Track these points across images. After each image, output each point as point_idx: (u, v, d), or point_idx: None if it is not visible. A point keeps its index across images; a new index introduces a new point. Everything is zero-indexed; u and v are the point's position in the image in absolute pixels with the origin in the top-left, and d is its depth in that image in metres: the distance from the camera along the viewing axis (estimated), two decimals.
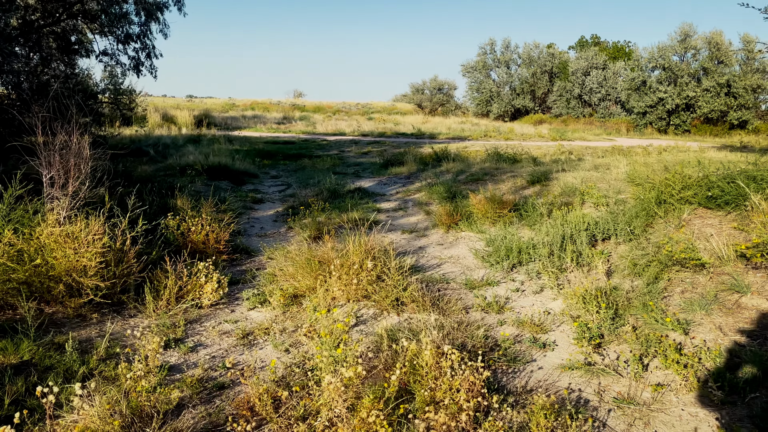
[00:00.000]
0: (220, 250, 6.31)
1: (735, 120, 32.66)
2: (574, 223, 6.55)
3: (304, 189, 10.38)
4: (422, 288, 5.17)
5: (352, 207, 8.76)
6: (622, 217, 6.32)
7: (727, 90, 32.76)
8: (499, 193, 8.93)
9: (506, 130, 26.76)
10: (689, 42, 34.42)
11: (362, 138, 24.19)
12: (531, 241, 6.34)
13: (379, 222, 8.00)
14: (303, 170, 12.89)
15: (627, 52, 47.62)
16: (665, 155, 13.75)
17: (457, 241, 7.21)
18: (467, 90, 45.04)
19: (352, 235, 5.81)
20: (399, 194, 9.89)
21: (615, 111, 40.39)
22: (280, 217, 8.49)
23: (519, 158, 12.49)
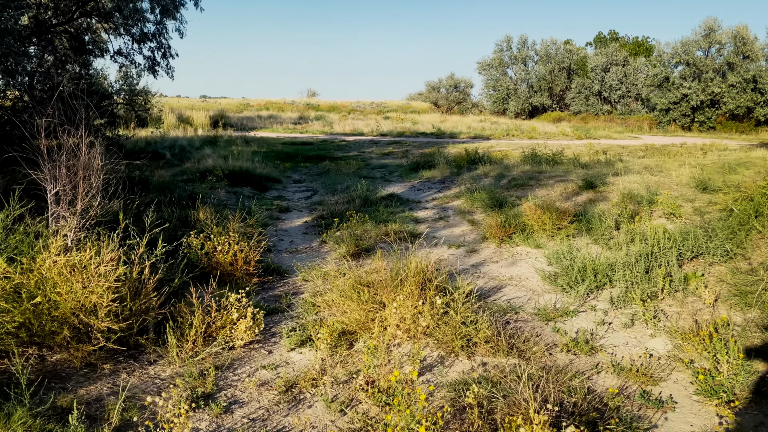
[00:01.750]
0: (250, 272, 5.48)
1: (762, 116, 31.45)
2: (653, 237, 5.66)
3: (332, 195, 9.54)
4: (493, 323, 4.31)
5: (387, 217, 7.91)
6: (717, 232, 5.41)
7: (753, 86, 31.56)
8: (550, 200, 8.05)
9: (528, 128, 25.78)
10: (714, 37, 33.23)
11: (381, 138, 23.33)
12: (606, 260, 5.45)
13: (420, 234, 7.14)
14: (327, 174, 12.05)
15: (647, 48, 46.40)
16: (712, 155, 12.79)
17: (513, 258, 6.33)
18: (483, 88, 44.04)
19: (399, 255, 4.96)
20: (435, 201, 9.02)
21: (635, 108, 39.23)
22: (310, 228, 7.65)
23: (559, 160, 11.57)
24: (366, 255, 6.32)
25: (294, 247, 6.80)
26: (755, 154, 12.86)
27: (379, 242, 6.75)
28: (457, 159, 11.76)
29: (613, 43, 44.65)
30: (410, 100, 53.65)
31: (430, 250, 6.63)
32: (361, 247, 6.32)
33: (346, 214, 7.85)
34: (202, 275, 5.26)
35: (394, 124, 28.64)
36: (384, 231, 7.11)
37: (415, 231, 7.22)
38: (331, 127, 28.15)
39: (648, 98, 38.08)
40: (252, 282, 5.40)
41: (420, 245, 6.69)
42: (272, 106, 48.46)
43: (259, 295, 5.22)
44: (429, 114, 38.41)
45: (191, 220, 6.75)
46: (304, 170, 13.27)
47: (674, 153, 13.90)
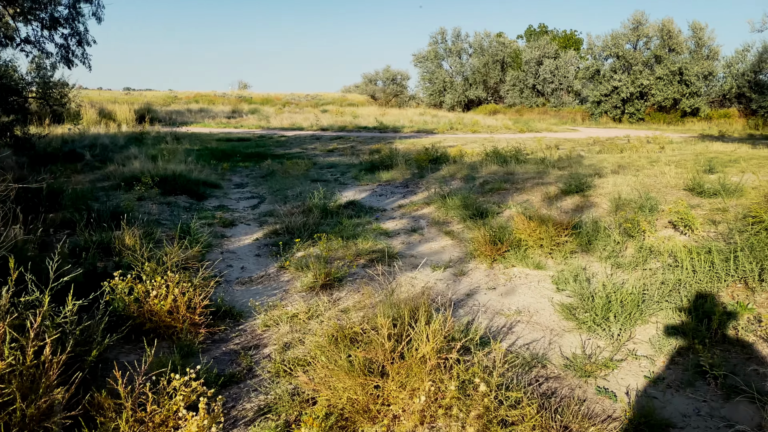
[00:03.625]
0: (196, 321, 4.15)
1: (688, 108, 32.15)
2: (671, 255, 4.73)
3: (283, 204, 8.22)
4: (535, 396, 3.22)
5: (353, 231, 6.71)
6: (754, 251, 4.51)
7: (679, 78, 32.21)
8: (533, 206, 7.06)
9: (471, 122, 25.06)
10: (641, 30, 33.70)
11: (323, 133, 21.98)
12: (632, 288, 4.47)
13: (397, 254, 5.99)
14: (273, 176, 10.67)
15: (576, 41, 46.91)
16: (670, 150, 12.26)
17: (512, 283, 5.27)
18: (420, 80, 43.40)
19: (382, 283, 3.81)
20: (403, 209, 7.87)
21: (567, 100, 39.48)
22: (263, 248, 6.34)
23: (524, 158, 10.67)
24: (339, 285, 5.10)
25: (247, 276, 5.48)
26: (716, 149, 12.44)
27: (351, 265, 5.54)
28: (417, 158, 10.65)
29: (544, 36, 44.83)
30: (346, 92, 52.26)
31: (413, 274, 5.48)
32: (332, 276, 5.10)
33: (305, 230, 6.59)
34: (132, 331, 3.92)
35: (333, 117, 27.29)
36: (355, 251, 5.91)
37: (389, 249, 6.05)
38: (267, 121, 26.51)
39: (579, 91, 38.40)
40: (199, 334, 4.09)
41: (399, 267, 5.56)
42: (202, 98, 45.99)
43: (210, 353, 3.92)
44: (367, 107, 37.21)
45: (115, 247, 5.32)
46: (245, 171, 11.81)
47: (629, 147, 13.33)
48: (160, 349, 3.83)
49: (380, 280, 5.17)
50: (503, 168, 9.45)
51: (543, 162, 9.91)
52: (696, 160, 10.01)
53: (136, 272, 4.25)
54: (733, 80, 31.15)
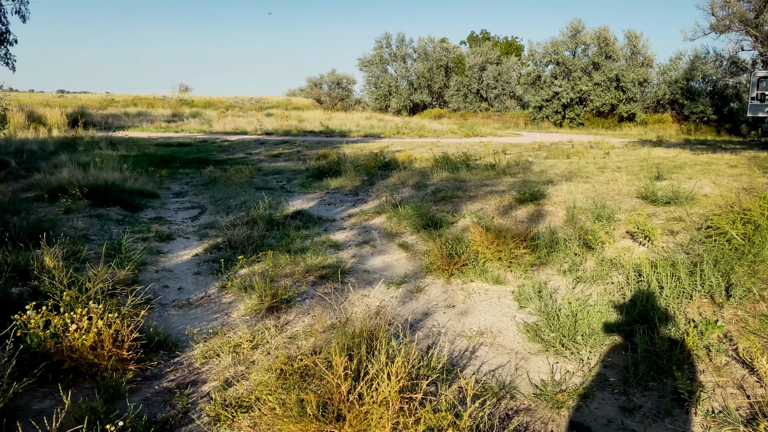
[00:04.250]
0: (123, 356, 3.64)
1: (624, 113, 33.05)
2: (638, 270, 4.53)
3: (226, 214, 7.69)
4: None
5: (301, 244, 6.27)
6: (717, 264, 4.33)
7: (616, 84, 33.07)
8: (486, 215, 6.81)
9: (417, 126, 24.89)
10: (579, 38, 34.44)
11: (267, 137, 21.32)
12: (598, 306, 4.22)
13: (345, 267, 5.59)
14: (215, 184, 10.06)
15: (517, 48, 47.68)
16: (615, 156, 12.33)
17: (471, 300, 4.95)
18: (365, 84, 43.03)
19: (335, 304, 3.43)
20: (353, 219, 7.46)
21: (510, 105, 40.01)
22: (203, 265, 5.81)
23: (474, 164, 10.45)
24: (287, 307, 4.66)
25: (185, 298, 4.96)
26: (659, 154, 12.60)
27: (300, 283, 5.11)
28: (366, 164, 10.27)
29: (486, 42, 45.38)
30: (291, 96, 51.42)
31: (365, 291, 5.10)
32: (280, 297, 4.65)
33: (250, 244, 6.10)
34: (49, 370, 3.39)
35: (278, 121, 26.60)
36: (304, 267, 5.47)
37: (341, 264, 5.64)
38: (209, 126, 25.59)
39: (521, 96, 38.97)
40: (128, 372, 3.58)
41: (352, 284, 5.17)
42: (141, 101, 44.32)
43: (140, 394, 3.42)
44: (313, 111, 36.60)
45: (33, 269, 4.70)
46: (185, 179, 11.14)
47: (574, 153, 13.36)
48: (82, 391, 3.31)
49: (332, 299, 4.77)
50: (454, 175, 9.19)
51: (494, 168, 9.71)
52: (642, 166, 10.04)
53: (53, 302, 3.70)
54: (666, 87, 32.21)
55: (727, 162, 10.35)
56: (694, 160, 11.02)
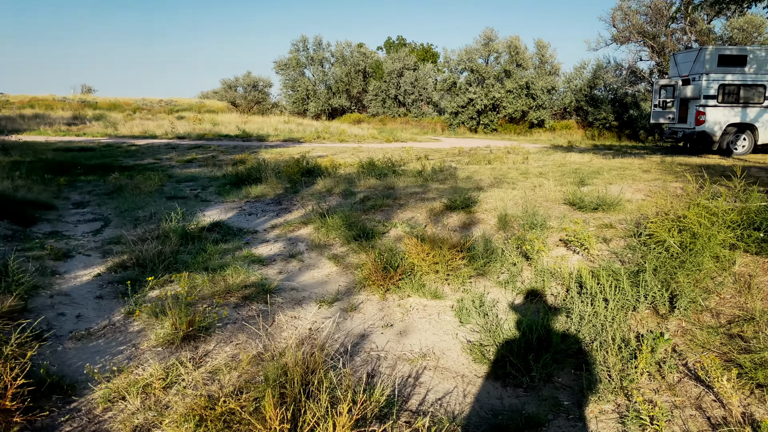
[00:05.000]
0: (7, 407, 2.98)
1: (535, 119, 34.12)
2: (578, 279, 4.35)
3: (133, 227, 6.93)
4: None
5: (221, 260, 5.69)
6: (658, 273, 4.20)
7: (526, 91, 34.10)
8: (418, 224, 6.51)
9: (338, 131, 24.46)
10: (492, 46, 35.30)
11: (180, 142, 20.18)
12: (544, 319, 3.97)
13: (271, 285, 5.08)
14: (121, 193, 9.17)
15: (433, 54, 48.30)
16: (535, 162, 12.46)
17: (410, 317, 4.59)
18: (282, 88, 42.04)
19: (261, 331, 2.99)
20: (277, 230, 6.92)
21: (428, 111, 40.37)
22: (107, 287, 5.10)
23: (400, 171, 10.16)
24: (206, 335, 4.10)
25: (84, 328, 4.27)
26: (573, 159, 12.85)
27: (220, 306, 4.55)
28: (288, 171, 9.70)
29: (403, 48, 45.68)
30: (204, 98, 49.47)
31: (295, 312, 4.62)
32: (197, 324, 4.09)
33: (161, 262, 5.45)
34: None
35: (191, 125, 25.32)
36: (224, 287, 4.91)
37: (266, 282, 5.12)
38: (115, 129, 23.98)
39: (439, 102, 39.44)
40: (13, 425, 2.93)
41: (279, 305, 4.68)
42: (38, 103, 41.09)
43: None
44: (228, 114, 35.27)
45: None
46: (87, 187, 10.11)
47: (495, 158, 13.41)
48: None
49: (258, 324, 4.27)
50: (382, 181, 8.84)
51: (421, 175, 9.45)
52: (562, 171, 10.12)
53: None
54: (572, 95, 33.56)
55: (639, 167, 10.65)
56: (608, 165, 11.28)
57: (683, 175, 9.20)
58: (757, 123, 14.59)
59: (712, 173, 9.48)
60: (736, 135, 14.74)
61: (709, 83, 14.52)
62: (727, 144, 14.70)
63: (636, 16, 30.25)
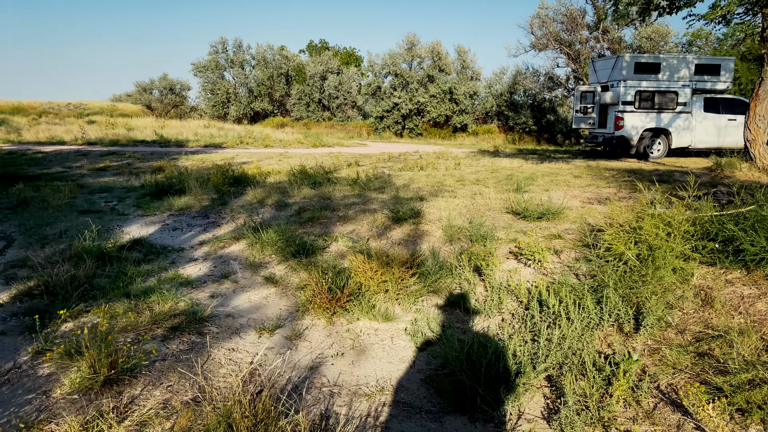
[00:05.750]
0: None
1: (458, 124, 34.60)
2: (537, 296, 4.13)
3: (41, 247, 6.15)
4: None
5: (143, 282, 5.09)
6: (618, 288, 4.03)
7: (450, 96, 34.52)
8: (361, 237, 6.15)
9: (261, 135, 23.66)
10: (415, 51, 35.49)
11: (91, 148, 18.79)
12: (507, 344, 3.71)
13: (203, 312, 4.55)
14: (26, 208, 8.21)
15: (356, 58, 48.11)
16: (467, 167, 12.40)
17: (361, 343, 4.21)
18: (201, 91, 40.41)
19: None
20: (207, 247, 6.33)
21: (353, 115, 40.11)
22: (11, 320, 4.39)
23: (334, 179, 9.74)
24: (131, 377, 3.55)
25: None
26: (502, 164, 12.89)
27: (146, 341, 3.99)
28: (215, 180, 9.05)
29: (326, 51, 45.19)
30: (116, 101, 46.86)
31: (233, 344, 4.13)
32: (120, 365, 3.52)
33: (75, 288, 4.78)
34: None
35: (103, 130, 23.74)
36: (149, 317, 4.34)
37: (197, 309, 4.59)
38: (18, 134, 22.09)
39: (363, 106, 39.27)
40: None
41: (214, 336, 4.18)
42: None
43: None
44: (143, 118, 33.46)
45: None
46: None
47: (427, 164, 13.25)
48: None
49: (191, 360, 3.76)
50: (317, 191, 8.39)
51: (357, 183, 9.07)
52: (497, 177, 10.07)
53: None
54: (493, 100, 34.31)
55: (569, 172, 10.78)
56: (539, 170, 11.37)
57: (614, 180, 9.35)
58: (670, 128, 15.26)
59: (639, 178, 9.71)
60: (652, 139, 15.37)
61: (626, 90, 15.05)
62: (644, 148, 15.29)
63: (553, 24, 31.30)
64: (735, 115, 15.36)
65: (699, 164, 12.86)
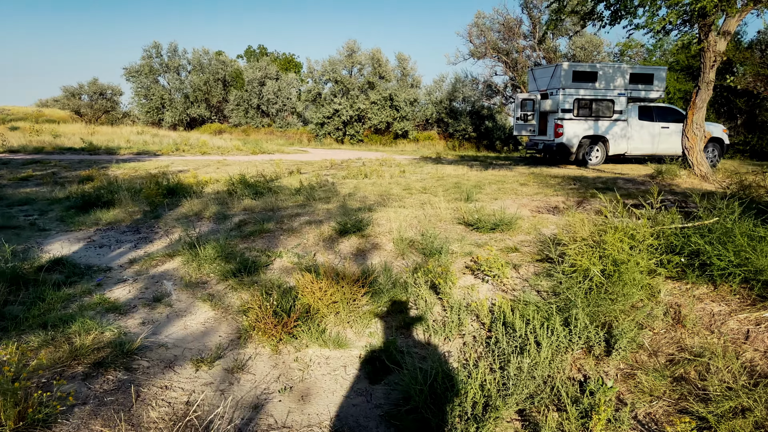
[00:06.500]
0: None
1: (399, 130, 34.53)
2: (501, 316, 3.85)
3: None
4: None
5: (64, 308, 4.49)
6: (588, 307, 3.79)
7: (390, 103, 34.41)
8: (307, 252, 5.73)
9: (198, 142, 22.72)
10: (355, 57, 35.22)
11: (12, 156, 17.43)
12: (476, 373, 3.39)
13: (132, 344, 4.02)
14: None
15: (296, 64, 47.39)
16: (412, 175, 12.15)
17: (311, 375, 3.79)
18: (134, 96, 38.66)
19: None
20: (137, 265, 5.73)
21: (292, 121, 39.41)
22: None
23: (276, 188, 9.23)
24: (44, 428, 3.01)
25: None
26: (446, 171, 12.71)
27: (61, 383, 3.44)
28: (147, 190, 8.37)
29: (264, 57, 44.31)
30: (42, 106, 44.24)
31: (166, 380, 3.63)
32: (30, 417, 2.98)
33: None
34: None
35: (27, 136, 22.18)
36: (69, 351, 3.77)
37: (126, 339, 4.04)
38: None
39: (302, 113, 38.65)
40: None
41: (145, 372, 3.67)
42: None
43: None
44: (72, 124, 31.59)
45: None
46: None
47: (371, 172, 12.92)
48: None
49: (118, 403, 3.25)
50: (259, 201, 7.88)
51: (300, 193, 8.62)
52: (443, 185, 9.85)
53: None
54: (433, 106, 34.45)
55: (515, 180, 10.69)
56: (484, 178, 11.24)
57: (560, 188, 9.29)
58: (607, 135, 15.55)
59: (585, 185, 9.70)
60: (590, 146, 15.61)
61: (565, 98, 15.23)
62: (583, 155, 15.51)
63: (490, 32, 31.73)
64: (667, 123, 15.81)
65: (637, 171, 13.10)
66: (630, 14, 9.43)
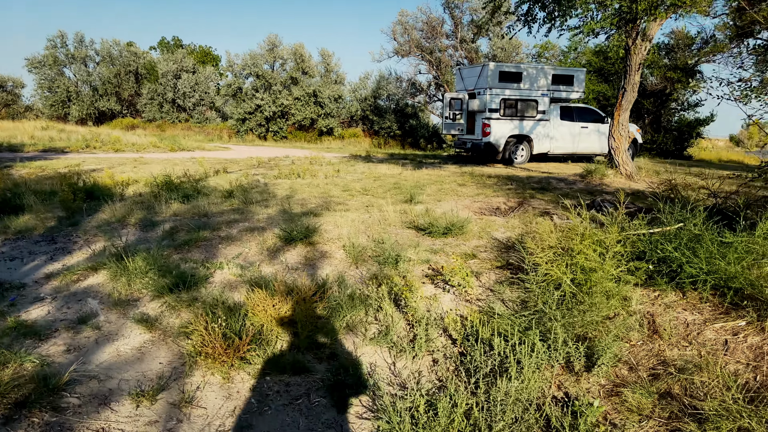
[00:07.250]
0: None
1: (324, 127, 34.01)
2: (473, 332, 3.63)
3: None
4: None
5: None
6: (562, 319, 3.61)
7: (314, 99, 33.83)
8: (251, 263, 5.29)
9: (111, 139, 21.23)
10: (277, 52, 34.35)
11: None
12: (455, 402, 3.12)
13: (59, 378, 3.45)
14: None
15: (214, 58, 45.61)
16: (347, 174, 11.82)
17: (271, 405, 3.38)
18: (37, 89, 35.79)
19: None
20: (56, 281, 5.04)
21: (211, 116, 37.89)
22: None
23: (205, 190, 8.59)
24: None
25: None
26: (380, 171, 12.46)
27: None
28: (61, 194, 7.51)
29: (180, 49, 42.31)
30: None
31: (102, 421, 3.12)
32: None
33: None
34: None
35: None
36: None
37: (50, 372, 3.47)
38: None
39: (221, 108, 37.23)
40: None
41: (76, 411, 3.15)
42: None
43: None
44: None
45: None
46: None
47: (302, 170, 12.44)
48: None
49: None
50: (189, 205, 7.25)
51: (233, 196, 8.05)
52: (382, 186, 9.59)
53: None
54: (358, 104, 34.15)
55: (453, 180, 10.59)
56: (420, 177, 11.08)
57: (498, 189, 9.26)
58: (532, 134, 15.86)
59: (520, 185, 9.74)
60: (516, 146, 15.86)
61: (492, 97, 15.37)
62: (509, 154, 15.74)
63: (414, 31, 31.82)
64: (586, 123, 16.35)
65: (564, 170, 13.40)
66: (562, 16, 9.56)
